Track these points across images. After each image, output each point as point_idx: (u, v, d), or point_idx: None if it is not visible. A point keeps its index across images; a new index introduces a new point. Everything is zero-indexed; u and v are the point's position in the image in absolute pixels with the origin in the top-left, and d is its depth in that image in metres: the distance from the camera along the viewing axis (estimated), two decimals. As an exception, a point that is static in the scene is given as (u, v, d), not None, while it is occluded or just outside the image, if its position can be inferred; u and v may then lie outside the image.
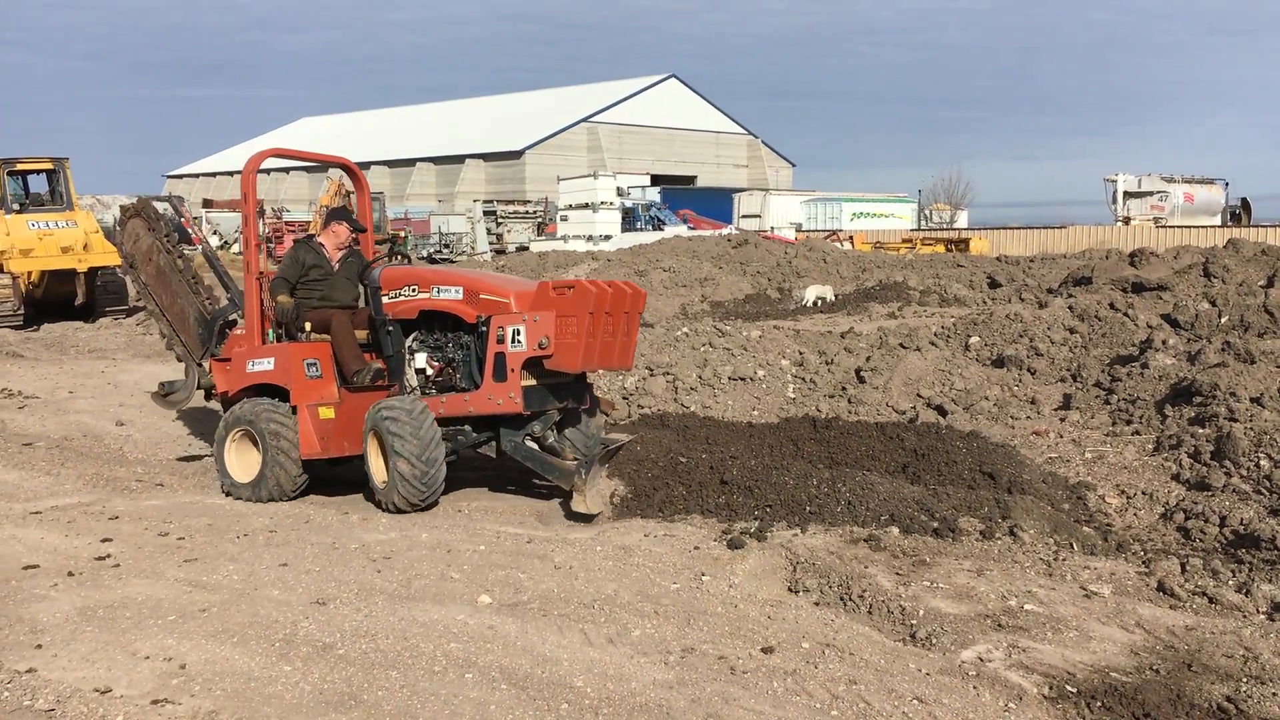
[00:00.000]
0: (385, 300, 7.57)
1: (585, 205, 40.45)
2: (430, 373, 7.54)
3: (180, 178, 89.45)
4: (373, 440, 7.08)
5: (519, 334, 6.89)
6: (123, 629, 4.83)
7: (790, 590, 5.42)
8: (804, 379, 10.37)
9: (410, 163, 70.17)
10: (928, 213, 59.04)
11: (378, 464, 7.08)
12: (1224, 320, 11.44)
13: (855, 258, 27.41)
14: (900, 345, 10.75)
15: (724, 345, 10.84)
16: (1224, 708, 4.04)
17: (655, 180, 54.05)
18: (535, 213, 48.87)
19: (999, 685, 4.25)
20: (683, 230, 38.94)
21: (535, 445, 7.21)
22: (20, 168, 20.05)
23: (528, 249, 40.30)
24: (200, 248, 9.66)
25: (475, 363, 7.28)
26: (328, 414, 7.45)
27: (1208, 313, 11.63)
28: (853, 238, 38.95)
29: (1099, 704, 4.12)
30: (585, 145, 68.66)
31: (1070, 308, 12.14)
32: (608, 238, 38.08)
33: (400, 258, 8.41)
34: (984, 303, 17.52)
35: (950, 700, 4.10)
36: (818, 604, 5.23)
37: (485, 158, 69.02)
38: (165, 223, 9.33)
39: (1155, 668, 4.41)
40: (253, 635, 4.72)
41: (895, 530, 6.13)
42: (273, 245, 33.17)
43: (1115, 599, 5.19)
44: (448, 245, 42.76)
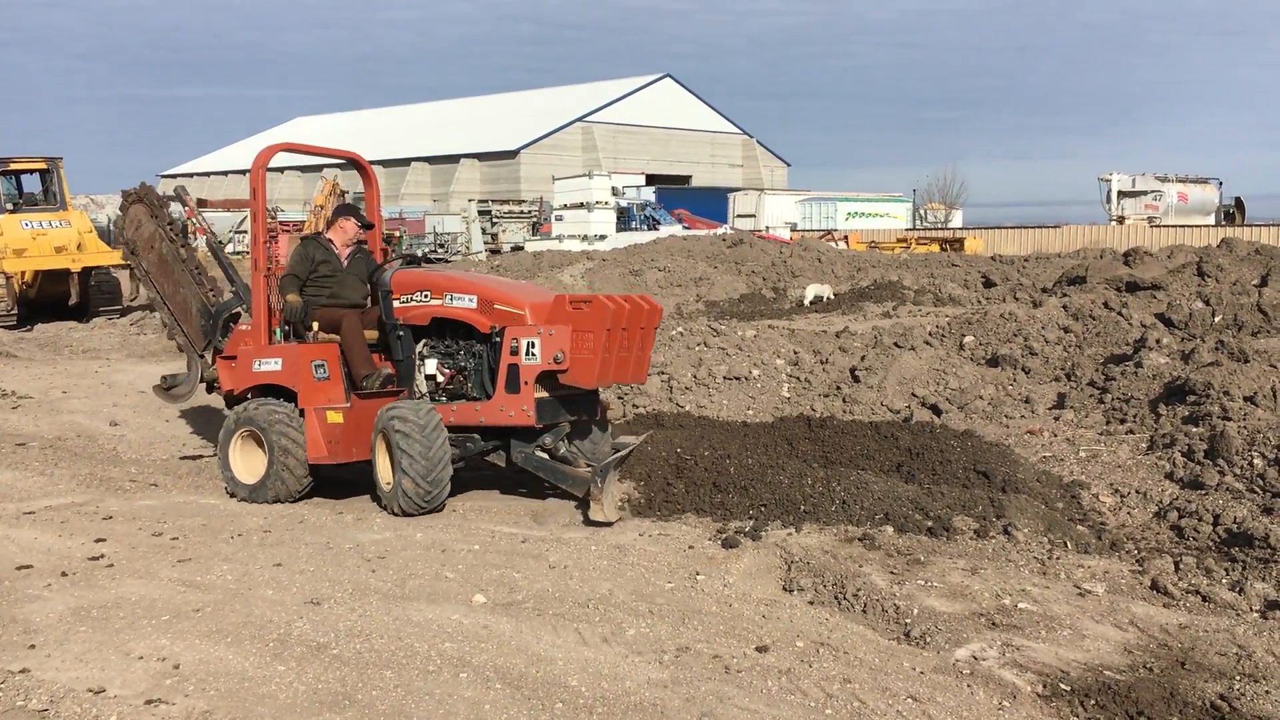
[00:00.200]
0: (396, 304, 7.48)
1: (580, 205, 40.43)
2: (441, 380, 7.46)
3: (174, 177, 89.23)
4: (381, 443, 7.00)
5: (534, 347, 6.81)
6: (116, 629, 4.82)
7: (785, 589, 5.42)
8: (799, 378, 10.37)
9: (405, 162, 70.10)
10: (922, 212, 59.10)
11: (385, 467, 6.99)
12: (1218, 319, 11.46)
13: (850, 257, 27.44)
14: (895, 344, 10.75)
15: (719, 345, 10.84)
16: (1217, 706, 4.05)
17: (650, 180, 54.09)
18: (530, 212, 48.82)
19: (993, 684, 4.25)
20: (678, 230, 38.92)
21: (546, 455, 7.12)
22: (14, 167, 20.00)
23: (522, 249, 40.26)
24: (204, 239, 9.44)
25: (487, 372, 7.20)
26: (336, 418, 7.35)
27: (1201, 312, 11.65)
28: (847, 237, 39.01)
29: (1093, 702, 4.13)
30: (580, 145, 68.64)
31: (1065, 307, 12.16)
32: (603, 237, 38.06)
33: (414, 261, 8.23)
34: (978, 302, 17.54)
35: (944, 699, 4.11)
36: (812, 603, 5.23)
37: (480, 157, 68.98)
38: (168, 211, 9.23)
39: (1149, 666, 4.42)
40: (247, 635, 4.71)
41: (890, 529, 6.14)
42: (268, 245, 33.08)
43: (1109, 597, 5.20)
44: (442, 245, 42.69)
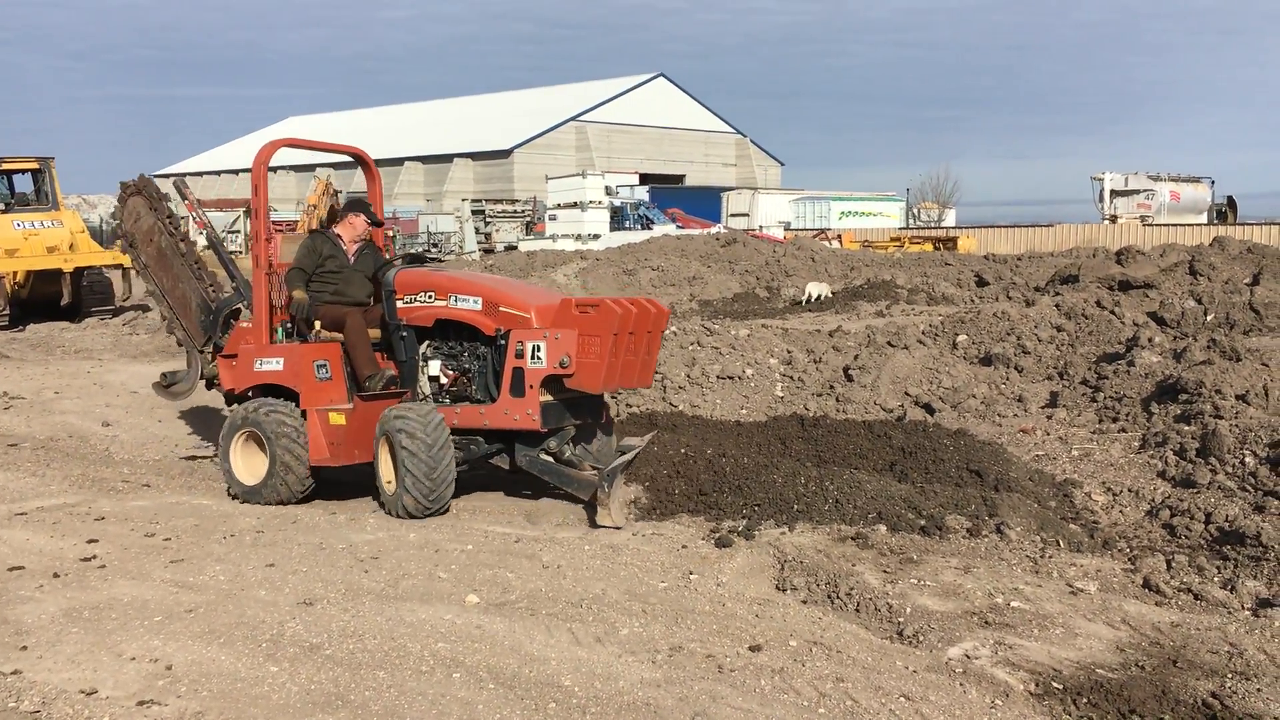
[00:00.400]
0: (400, 305, 7.40)
1: (574, 204, 40.39)
2: (444, 381, 7.39)
3: (167, 176, 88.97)
4: (384, 446, 6.92)
5: (539, 351, 6.75)
6: (108, 630, 4.81)
7: (778, 588, 5.43)
8: (792, 377, 10.38)
9: (398, 162, 70.00)
10: (916, 211, 59.18)
11: (387, 469, 6.91)
12: (1210, 318, 11.50)
13: (843, 256, 27.46)
14: (888, 344, 10.77)
15: (712, 344, 10.85)
16: (1209, 704, 4.06)
17: (644, 179, 54.09)
18: (524, 212, 48.77)
19: (985, 682, 4.26)
20: (671, 229, 38.89)
21: (551, 459, 7.06)
22: (5, 167, 19.94)
23: (516, 248, 40.23)
24: (205, 233, 9.32)
25: (492, 375, 7.14)
26: (339, 420, 7.27)
27: (1194, 310, 11.69)
28: (841, 236, 39.03)
29: (1085, 700, 4.14)
30: (574, 144, 68.61)
31: (1057, 306, 12.19)
32: (596, 237, 38.04)
33: (418, 260, 8.13)
34: (971, 301, 17.57)
35: (937, 697, 4.11)
36: (805, 602, 5.24)
37: (473, 157, 68.92)
38: (168, 204, 9.16)
39: (1141, 664, 4.43)
40: (239, 636, 4.70)
41: (883, 528, 6.14)
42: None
43: (1101, 596, 5.21)
44: (436, 245, 42.64)
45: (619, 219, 41.07)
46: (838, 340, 11.30)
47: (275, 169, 74.99)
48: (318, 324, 7.60)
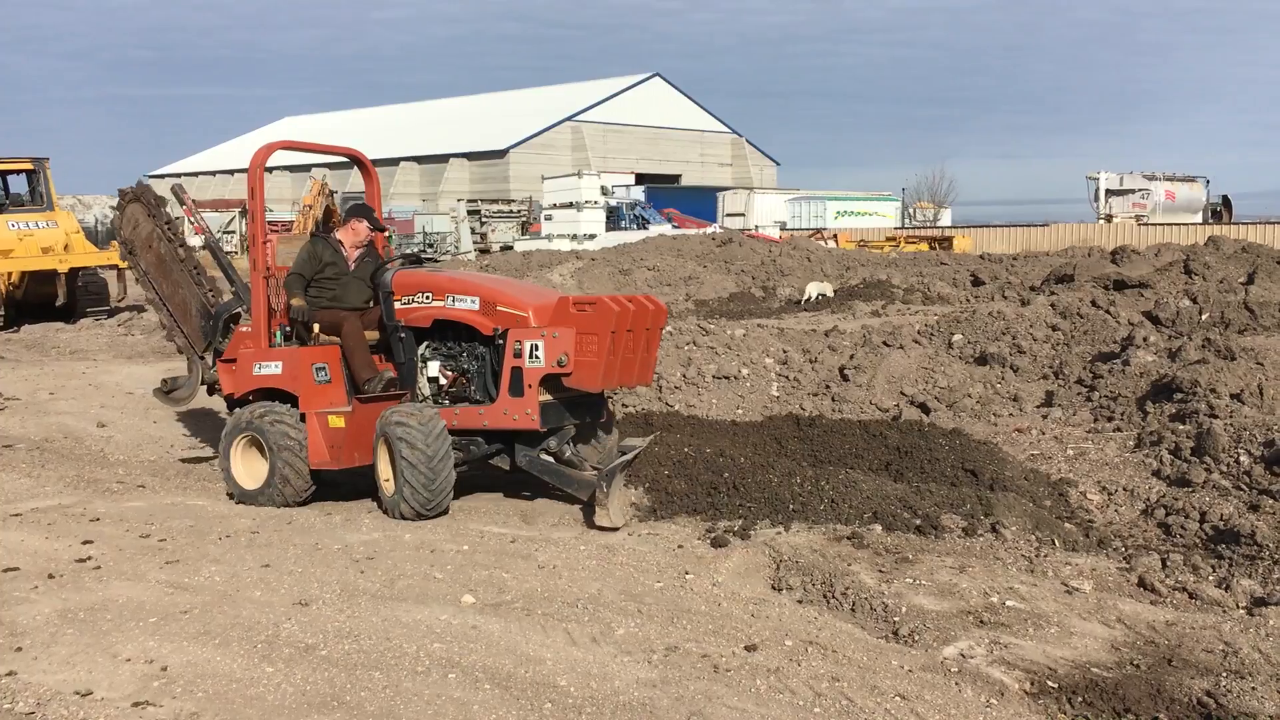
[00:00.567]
0: (398, 306, 7.35)
1: (570, 204, 40.40)
2: (443, 382, 7.34)
3: (163, 177, 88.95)
4: (382, 447, 6.88)
5: (537, 350, 6.71)
6: (104, 631, 4.80)
7: (774, 588, 5.43)
8: (788, 377, 10.39)
9: (394, 162, 69.96)
10: (911, 211, 59.22)
11: (387, 472, 6.87)
12: (1205, 317, 11.51)
13: (839, 256, 27.49)
14: (884, 343, 10.78)
15: (708, 344, 10.85)
16: (1204, 702, 4.07)
17: (640, 179, 54.12)
18: (520, 212, 48.77)
19: (981, 681, 4.26)
20: (667, 229, 38.92)
21: (551, 459, 7.02)
22: (0, 168, 19.91)
23: (512, 248, 40.24)
24: (204, 238, 9.28)
25: (490, 375, 7.10)
26: (338, 423, 7.23)
27: (1189, 310, 11.70)
28: (837, 236, 39.04)
29: (1080, 699, 4.15)
30: (570, 144, 68.59)
31: (1053, 305, 12.20)
32: (592, 237, 38.06)
33: (415, 261, 8.08)
34: (967, 300, 17.58)
35: (932, 697, 4.12)
36: (801, 602, 5.24)
37: (469, 157, 68.88)
38: (166, 210, 9.12)
39: (1136, 663, 4.44)
40: (235, 637, 4.70)
41: (878, 528, 6.15)
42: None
43: (1096, 595, 5.22)
44: (432, 245, 42.62)
45: (615, 219, 41.09)
46: (833, 340, 11.30)
47: (270, 170, 74.97)
48: (316, 328, 7.57)
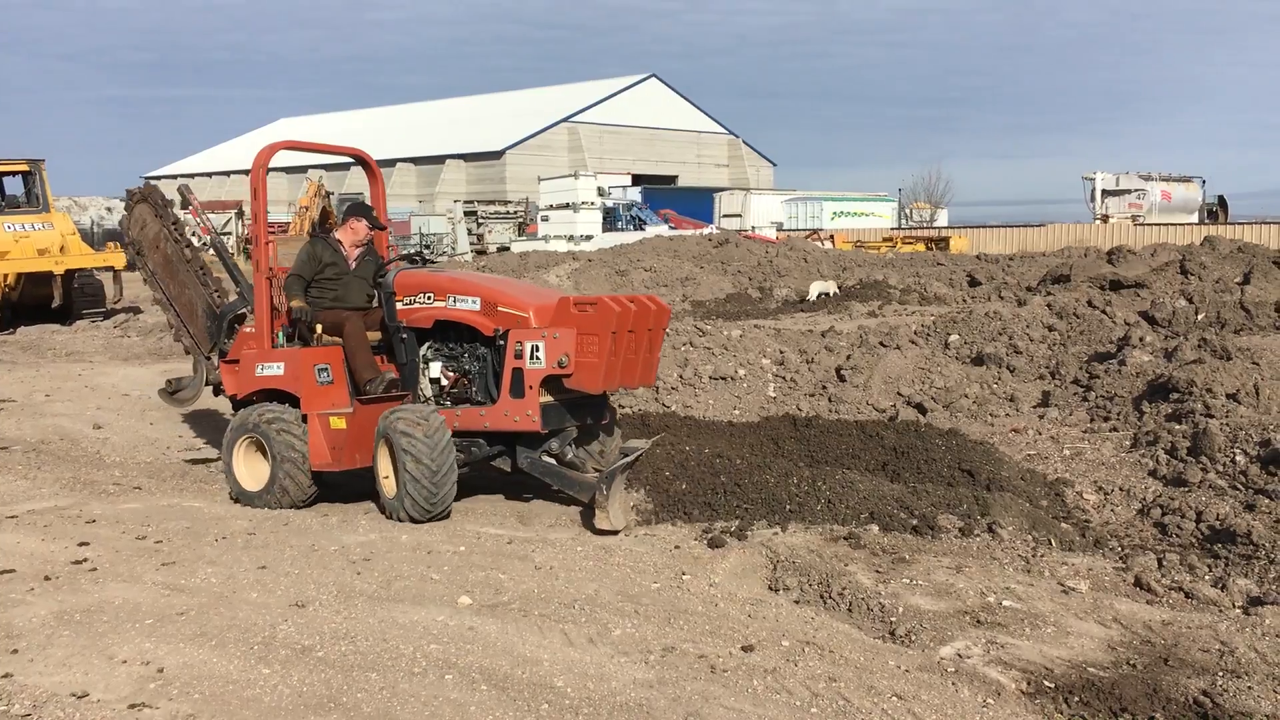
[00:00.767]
0: (400, 306, 7.31)
1: (566, 205, 40.44)
2: (445, 383, 7.29)
3: (159, 179, 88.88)
4: (383, 447, 6.82)
5: (538, 350, 6.66)
6: (100, 633, 4.80)
7: (770, 589, 5.43)
8: (784, 378, 10.39)
9: (390, 163, 69.94)
10: (908, 211, 59.31)
11: (387, 469, 6.82)
12: (1201, 317, 11.53)
13: (836, 257, 27.54)
14: (880, 344, 10.79)
15: (705, 345, 10.85)
16: (1200, 701, 4.07)
17: (636, 180, 54.15)
18: (516, 213, 48.80)
19: (977, 681, 4.27)
20: (664, 230, 38.99)
21: (552, 461, 6.97)
22: (-5, 170, 19.90)
23: (509, 249, 40.25)
24: (209, 239, 9.25)
25: (492, 376, 7.05)
26: (339, 424, 7.18)
27: (1185, 310, 11.73)
28: (833, 237, 39.12)
29: (1076, 699, 4.15)
30: (566, 145, 68.63)
31: (1049, 305, 12.23)
32: (589, 238, 38.09)
33: (416, 261, 8.03)
34: (964, 301, 17.61)
35: (929, 697, 4.12)
36: (798, 602, 5.24)
37: (466, 158, 68.90)
38: (173, 211, 9.13)
39: (1132, 662, 4.45)
40: (231, 638, 4.69)
41: (875, 528, 6.15)
42: (249, 247, 32.98)
43: (1093, 595, 5.23)
44: (428, 246, 42.62)
45: (611, 220, 41.16)
46: (830, 340, 11.31)
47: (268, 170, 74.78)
48: (319, 328, 7.54)
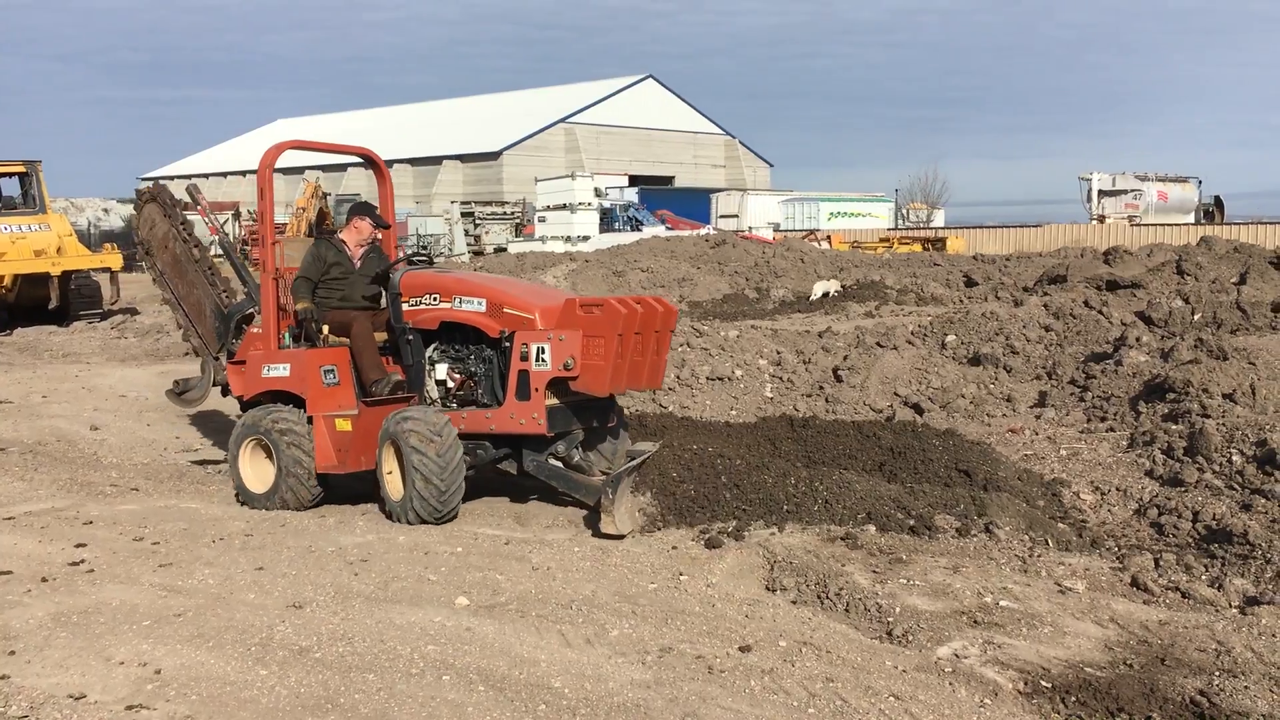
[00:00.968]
0: (405, 308, 7.25)
1: (563, 206, 40.44)
2: (451, 385, 7.23)
3: (155, 180, 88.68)
4: (389, 449, 6.77)
5: (543, 353, 6.60)
6: (97, 634, 4.79)
7: (768, 589, 5.44)
8: (781, 378, 10.40)
9: (387, 164, 69.84)
10: (904, 212, 59.31)
11: (394, 475, 6.77)
12: (1197, 317, 11.55)
13: (833, 257, 27.54)
14: (877, 344, 10.79)
15: (701, 345, 10.86)
16: (1197, 701, 4.07)
17: (633, 181, 54.18)
18: (513, 214, 48.77)
19: (975, 681, 4.27)
20: (661, 230, 39.00)
21: (559, 464, 6.92)
22: (-8, 171, 19.88)
23: (505, 250, 40.25)
24: (217, 238, 9.24)
25: (498, 378, 7.00)
26: (345, 426, 7.14)
27: (1181, 310, 11.74)
28: (830, 237, 39.13)
29: (1073, 699, 4.15)
30: (563, 146, 68.60)
31: (1045, 306, 12.24)
32: (586, 238, 38.09)
33: (423, 261, 7.94)
34: (960, 301, 17.61)
35: (926, 697, 4.13)
36: (795, 602, 5.25)
37: (462, 159, 68.84)
38: (181, 211, 9.10)
39: (1129, 662, 4.45)
40: (228, 640, 4.69)
41: (872, 528, 6.16)
42: (248, 248, 32.99)
43: (1089, 594, 5.24)
44: (425, 247, 42.55)
45: (608, 220, 41.18)
46: (827, 341, 11.31)
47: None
48: (325, 329, 7.52)
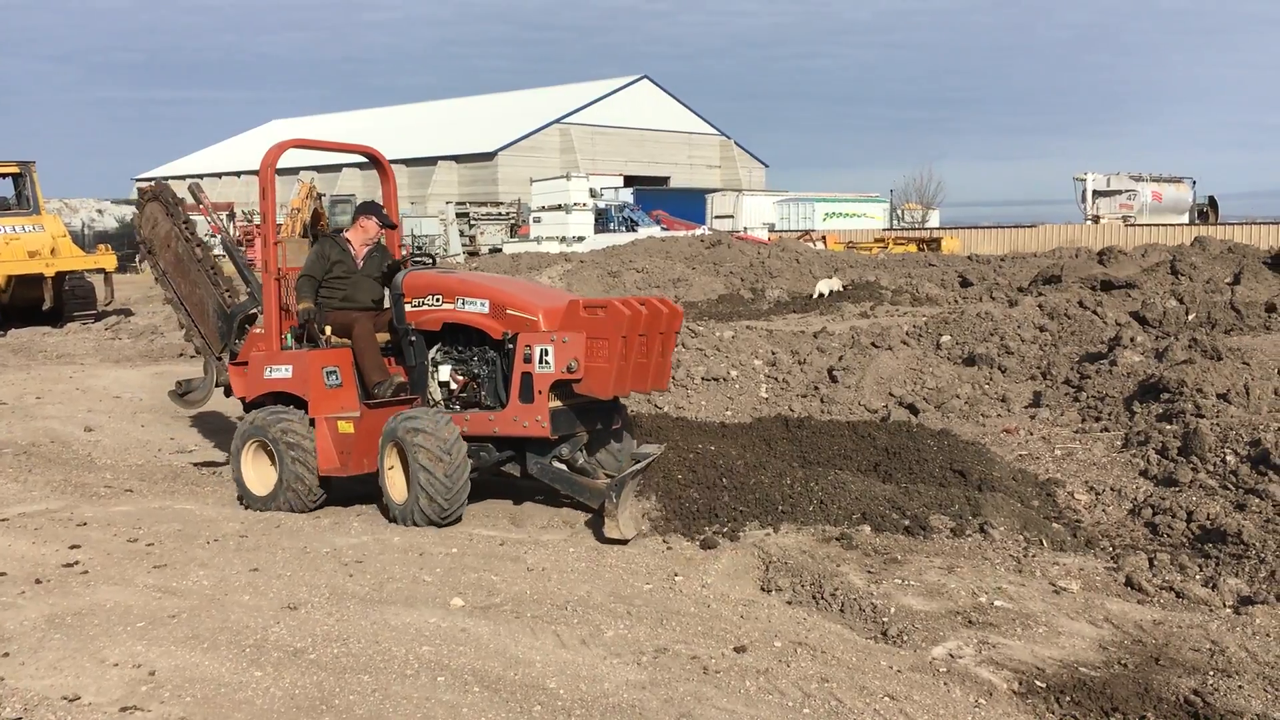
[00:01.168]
0: (409, 309, 7.20)
1: (558, 206, 40.39)
2: (454, 387, 7.18)
3: (150, 180, 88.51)
4: (392, 451, 6.72)
5: (547, 355, 6.54)
6: (91, 636, 4.79)
7: (763, 589, 5.44)
8: (777, 379, 10.40)
9: (383, 164, 69.72)
10: (899, 212, 59.38)
11: (397, 477, 6.73)
12: (1191, 317, 11.57)
13: (828, 258, 27.56)
14: (872, 344, 10.80)
15: (697, 346, 10.86)
16: (1191, 701, 4.08)
17: (628, 181, 54.08)
18: (508, 214, 48.73)
19: (969, 681, 4.28)
20: (656, 231, 38.98)
21: (563, 467, 6.85)
22: (-14, 171, 19.85)
23: (500, 251, 40.22)
24: (220, 237, 9.14)
25: (501, 380, 6.93)
26: (347, 428, 7.08)
27: (1175, 310, 11.75)
28: (825, 238, 39.16)
29: (1068, 698, 4.16)
30: (558, 146, 68.54)
31: (1040, 306, 12.26)
32: (581, 239, 38.06)
33: (426, 262, 7.87)
34: (955, 301, 17.63)
35: (921, 697, 4.13)
36: (790, 603, 5.25)
37: (458, 159, 68.75)
38: (184, 211, 9.07)
39: (1123, 662, 4.46)
40: (223, 641, 4.69)
41: (867, 529, 6.16)
42: (243, 248, 32.91)
43: (1084, 594, 5.24)
44: (420, 248, 42.56)
45: (603, 221, 41.11)
46: (822, 341, 11.31)
47: (257, 172, 74.66)
48: (328, 329, 7.48)
